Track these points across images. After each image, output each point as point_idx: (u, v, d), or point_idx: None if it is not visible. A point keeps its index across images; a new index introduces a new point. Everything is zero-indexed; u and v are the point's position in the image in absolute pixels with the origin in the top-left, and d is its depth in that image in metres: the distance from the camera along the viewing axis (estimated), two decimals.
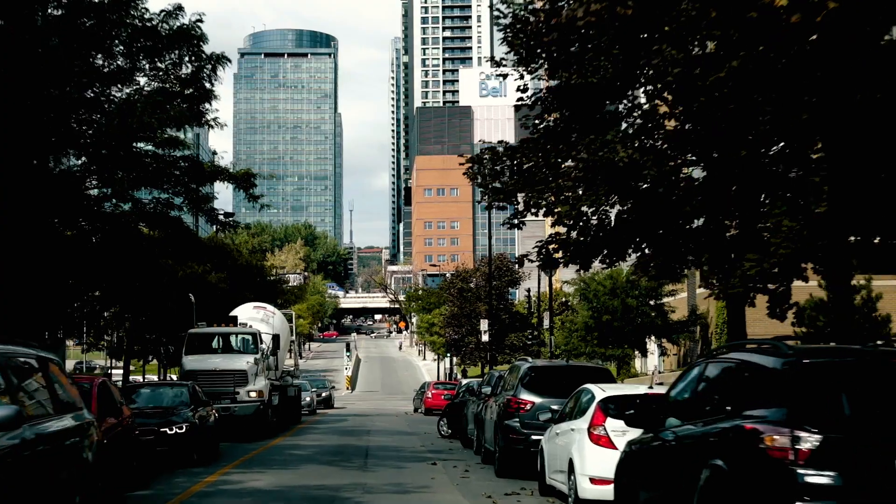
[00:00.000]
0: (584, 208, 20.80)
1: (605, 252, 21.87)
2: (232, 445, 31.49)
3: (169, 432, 24.39)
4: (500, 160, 22.40)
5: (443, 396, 58.65)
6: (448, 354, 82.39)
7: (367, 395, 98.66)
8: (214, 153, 37.45)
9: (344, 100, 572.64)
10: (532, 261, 23.87)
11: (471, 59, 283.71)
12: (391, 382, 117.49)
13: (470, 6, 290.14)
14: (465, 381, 41.69)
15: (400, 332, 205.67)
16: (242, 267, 51.50)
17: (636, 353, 64.53)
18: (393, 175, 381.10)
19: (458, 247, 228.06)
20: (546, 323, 50.41)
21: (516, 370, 23.71)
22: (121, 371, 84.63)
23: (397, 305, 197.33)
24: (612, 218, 21.32)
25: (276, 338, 39.74)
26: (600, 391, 16.75)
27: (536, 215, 22.40)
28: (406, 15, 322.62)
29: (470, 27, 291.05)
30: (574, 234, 21.63)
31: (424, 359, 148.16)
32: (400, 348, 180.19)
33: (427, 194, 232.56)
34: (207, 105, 35.23)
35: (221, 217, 38.92)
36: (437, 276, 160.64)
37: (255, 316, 43.92)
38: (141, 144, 36.87)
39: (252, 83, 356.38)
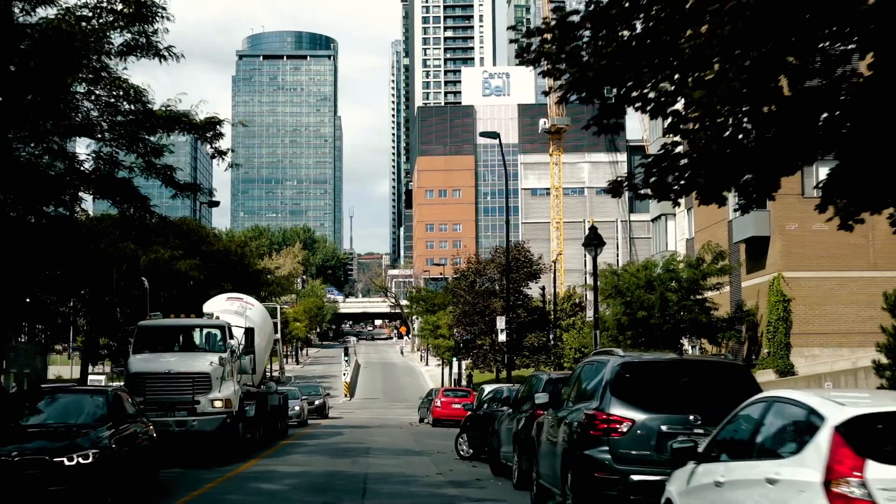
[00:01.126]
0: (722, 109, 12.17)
1: (756, 174, 13.12)
2: (184, 473, 23.22)
3: (68, 463, 15.88)
4: (577, 28, 13.54)
5: (454, 405, 50.31)
6: (456, 358, 73.82)
7: (367, 403, 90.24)
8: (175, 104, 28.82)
9: (344, 106, 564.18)
10: (637, 188, 15.04)
11: (473, 59, 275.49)
12: (392, 389, 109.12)
13: (472, 6, 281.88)
14: (489, 388, 33.02)
15: (401, 337, 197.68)
16: (219, 254, 43.00)
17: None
18: (393, 180, 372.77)
19: (460, 250, 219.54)
20: (590, 313, 40.91)
21: (596, 368, 14.91)
22: (99, 378, 76.25)
23: (398, 310, 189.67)
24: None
25: (249, 332, 31.27)
26: (832, 406, 8.23)
27: (643, 110, 13.71)
28: (407, 17, 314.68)
29: (472, 27, 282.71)
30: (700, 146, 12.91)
31: (427, 364, 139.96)
32: (401, 353, 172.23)
33: (429, 196, 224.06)
34: (158, 26, 27.05)
35: (182, 181, 30.50)
36: (439, 280, 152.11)
37: (227, 308, 35.65)
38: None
39: (250, 85, 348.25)
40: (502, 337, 51.11)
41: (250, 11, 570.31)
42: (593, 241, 32.38)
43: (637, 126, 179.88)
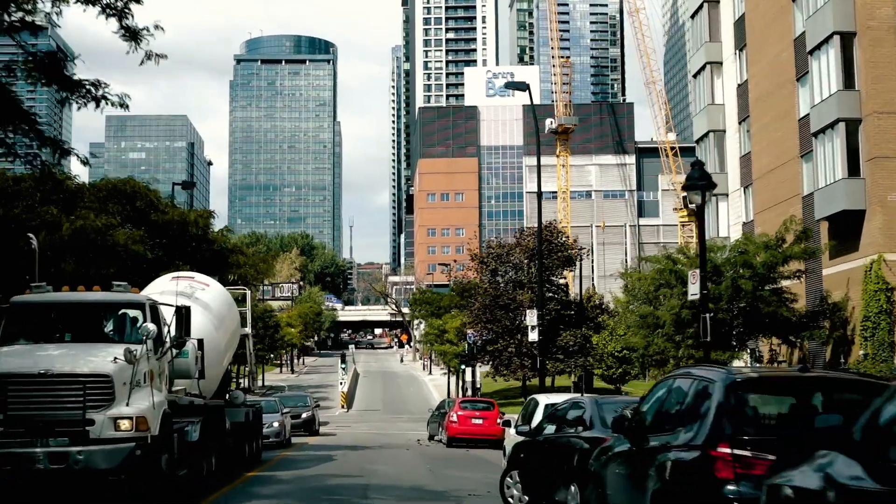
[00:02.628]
0: None
1: None
2: None
3: None
4: None
5: (474, 420, 39.70)
6: (469, 364, 62.63)
7: (366, 416, 79.48)
8: None
9: (343, 116, 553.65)
10: None
11: (475, 62, 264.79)
12: (394, 399, 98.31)
13: (474, 7, 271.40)
14: (544, 400, 21.90)
15: (402, 345, 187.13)
16: (174, 226, 32.38)
17: (745, 357, 45.17)
18: (393, 187, 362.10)
19: (463, 255, 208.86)
20: (693, 290, 29.28)
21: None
22: None
23: (399, 318, 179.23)
24: None
25: (184, 313, 20.36)
26: None
27: None
28: (407, 21, 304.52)
29: (474, 28, 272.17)
30: None
31: (430, 373, 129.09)
32: (401, 361, 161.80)
33: (430, 199, 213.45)
34: None
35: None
36: (442, 287, 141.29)
37: (169, 289, 25.10)
38: None
39: (248, 90, 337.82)
40: (533, 335, 40.47)
41: (249, 18, 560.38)
42: (701, 183, 21.83)
43: (649, 123, 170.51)
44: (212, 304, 27.02)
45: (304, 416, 46.95)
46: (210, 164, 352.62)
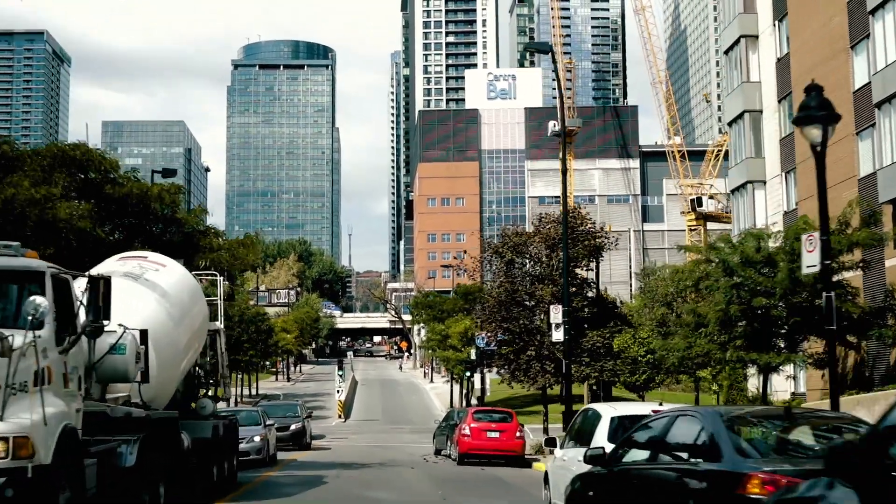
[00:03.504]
0: None
1: None
2: None
3: None
4: None
5: (490, 434, 33.87)
6: (478, 370, 56.48)
7: (365, 426, 73.66)
8: None
9: (343, 124, 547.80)
10: None
11: (475, 65, 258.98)
12: (394, 409, 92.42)
13: (475, 10, 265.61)
14: (612, 412, 15.50)
15: (401, 352, 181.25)
16: (131, 200, 26.46)
17: (794, 360, 39.07)
18: (392, 194, 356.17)
19: (463, 262, 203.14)
20: (812, 259, 22.69)
21: None
22: None
23: (398, 325, 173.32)
24: None
25: (97, 283, 14.29)
26: None
27: None
28: (407, 26, 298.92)
29: (474, 32, 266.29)
30: None
31: (432, 381, 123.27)
32: (400, 369, 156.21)
33: (430, 204, 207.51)
34: None
35: None
36: (444, 293, 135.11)
37: (115, 270, 19.41)
38: None
39: (246, 96, 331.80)
40: (557, 335, 34.60)
41: (248, 25, 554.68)
42: (820, 114, 16.02)
43: (651, 130, 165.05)
44: (170, 289, 21.24)
45: (293, 427, 40.95)
46: (207, 170, 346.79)
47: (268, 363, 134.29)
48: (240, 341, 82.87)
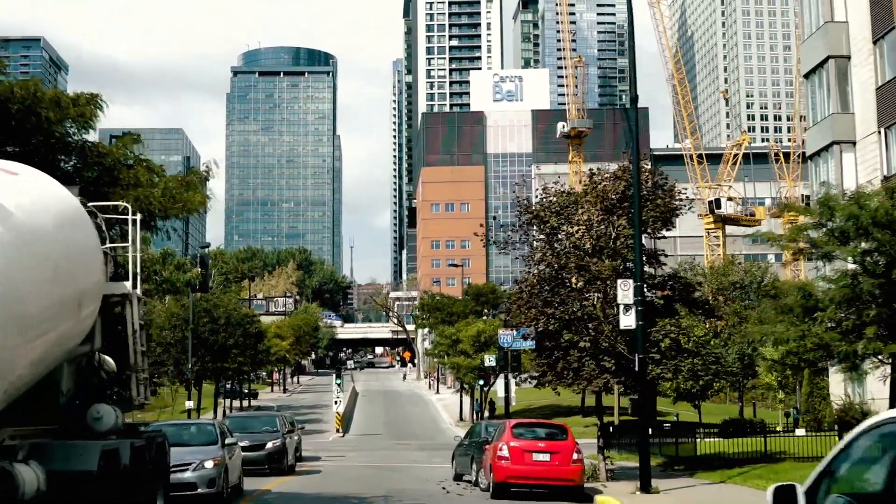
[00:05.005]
0: None
1: None
2: None
3: None
4: None
5: (538, 456, 24.35)
6: (497, 376, 46.53)
7: (366, 441, 63.87)
8: None
9: (344, 137, 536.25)
10: None
11: (479, 69, 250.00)
12: (398, 422, 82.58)
13: (479, 13, 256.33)
14: None
15: (404, 364, 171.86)
16: (10, 105, 17.02)
17: None
18: (394, 203, 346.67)
19: (469, 269, 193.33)
20: None
21: None
22: None
23: (402, 334, 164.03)
24: None
25: None
26: None
27: None
28: (409, 32, 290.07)
29: (478, 35, 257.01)
30: None
31: (437, 392, 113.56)
32: (404, 379, 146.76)
33: (434, 210, 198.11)
34: None
35: None
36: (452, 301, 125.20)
37: None
38: None
39: (246, 103, 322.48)
40: (628, 320, 25.02)
41: (248, 33, 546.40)
42: None
43: (661, 135, 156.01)
44: (19, 212, 11.68)
45: (269, 446, 31.04)
46: (206, 179, 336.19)
47: (263, 374, 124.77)
48: (226, 346, 73.26)
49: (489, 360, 67.08)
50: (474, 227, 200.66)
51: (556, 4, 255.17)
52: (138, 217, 16.49)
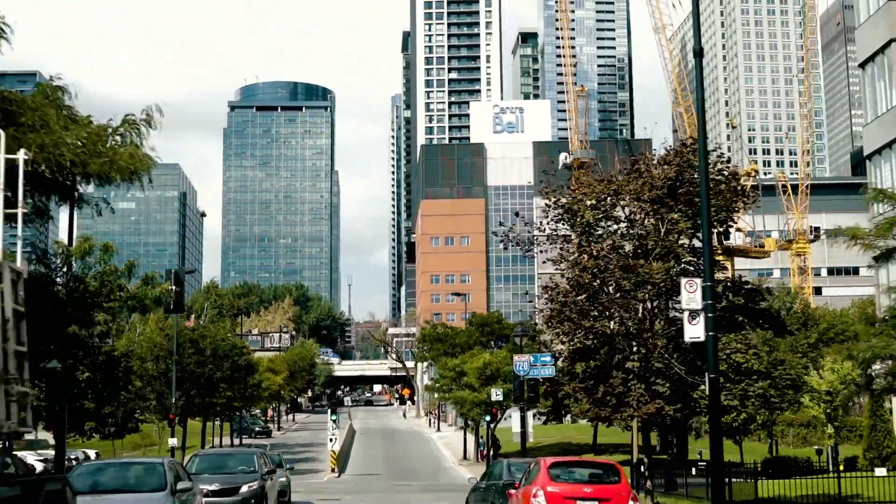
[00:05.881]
0: None
1: None
2: None
3: None
4: None
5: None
6: (520, 405, 40.85)
7: (364, 482, 58.07)
8: None
9: (342, 175, 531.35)
10: None
11: (479, 102, 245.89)
12: (398, 461, 76.79)
13: (478, 46, 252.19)
14: None
15: (403, 402, 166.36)
16: None
17: None
18: (393, 239, 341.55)
19: (469, 304, 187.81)
20: None
21: None
22: None
23: (400, 372, 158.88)
24: None
25: None
26: None
27: None
28: (408, 67, 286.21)
29: (478, 68, 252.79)
30: None
31: (439, 430, 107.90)
32: (404, 416, 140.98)
33: (434, 244, 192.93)
34: None
35: None
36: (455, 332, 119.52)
37: None
38: None
39: (243, 138, 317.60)
40: (694, 330, 19.46)
41: (245, 69, 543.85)
42: None
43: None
44: None
45: (244, 490, 25.20)
46: (203, 215, 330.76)
47: (257, 411, 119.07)
48: (213, 380, 67.55)
49: (496, 393, 62.05)
50: (475, 261, 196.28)
51: (557, 38, 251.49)
52: (21, 156, 11.02)
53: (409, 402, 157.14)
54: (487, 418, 67.03)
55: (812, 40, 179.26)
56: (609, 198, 24.12)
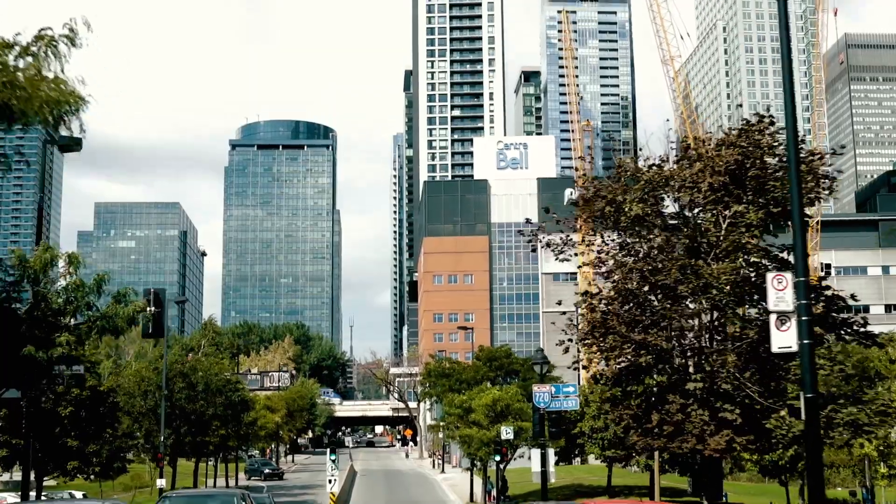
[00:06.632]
0: None
1: None
2: None
3: None
4: None
5: None
6: (538, 443, 36.65)
7: None
8: None
9: (344, 216, 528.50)
10: None
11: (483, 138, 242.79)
12: (401, 503, 72.23)
13: (481, 83, 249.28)
14: None
15: (405, 442, 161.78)
16: None
17: None
18: (395, 279, 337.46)
19: (471, 343, 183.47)
20: None
21: None
22: None
23: (402, 412, 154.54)
24: None
25: None
26: None
27: None
28: (410, 105, 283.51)
29: (481, 105, 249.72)
30: None
31: (443, 471, 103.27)
32: (406, 457, 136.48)
33: (437, 282, 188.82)
34: None
35: None
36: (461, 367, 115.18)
37: None
38: None
39: (244, 177, 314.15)
40: (784, 338, 15.18)
41: (246, 108, 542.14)
42: None
43: None
44: None
45: None
46: (204, 254, 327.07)
47: (255, 452, 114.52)
48: (204, 417, 63.01)
49: (506, 431, 57.72)
50: (478, 300, 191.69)
51: (560, 76, 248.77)
52: None
53: (411, 443, 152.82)
54: (497, 458, 62.56)
55: (817, 78, 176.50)
56: (658, 189, 20.01)
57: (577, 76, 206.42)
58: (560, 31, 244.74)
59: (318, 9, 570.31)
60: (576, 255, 23.25)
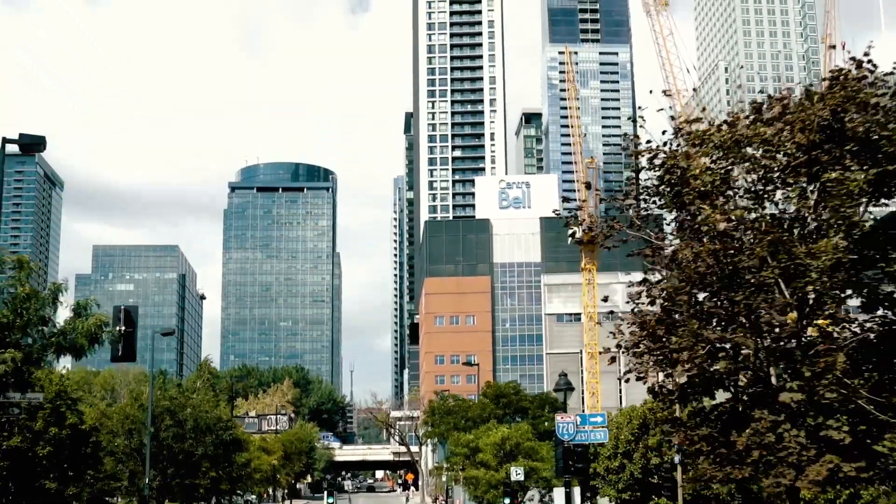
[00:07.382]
0: None
1: None
2: None
3: None
4: None
5: None
6: (522, 493, 31.63)
7: None
8: None
9: (344, 260, 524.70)
10: None
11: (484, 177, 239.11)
12: None
13: (482, 123, 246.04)
14: None
15: (406, 487, 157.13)
16: None
17: None
18: (396, 323, 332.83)
19: (474, 385, 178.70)
20: None
21: None
22: None
23: (404, 456, 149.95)
24: None
25: None
26: None
27: None
28: (410, 148, 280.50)
29: (482, 146, 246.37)
30: None
31: None
32: (407, 501, 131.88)
33: (438, 323, 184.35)
34: None
35: None
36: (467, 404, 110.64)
37: None
38: None
39: (243, 219, 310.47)
40: None
41: (246, 150, 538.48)
42: None
43: None
44: None
45: None
46: (203, 297, 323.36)
47: (253, 497, 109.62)
48: (192, 457, 58.52)
49: (516, 472, 53.81)
50: (480, 341, 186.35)
51: (562, 117, 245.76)
52: None
53: (412, 487, 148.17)
54: (507, 501, 58.11)
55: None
56: (730, 153, 15.89)
57: (579, 116, 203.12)
58: (561, 73, 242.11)
59: (318, 52, 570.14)
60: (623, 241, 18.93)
